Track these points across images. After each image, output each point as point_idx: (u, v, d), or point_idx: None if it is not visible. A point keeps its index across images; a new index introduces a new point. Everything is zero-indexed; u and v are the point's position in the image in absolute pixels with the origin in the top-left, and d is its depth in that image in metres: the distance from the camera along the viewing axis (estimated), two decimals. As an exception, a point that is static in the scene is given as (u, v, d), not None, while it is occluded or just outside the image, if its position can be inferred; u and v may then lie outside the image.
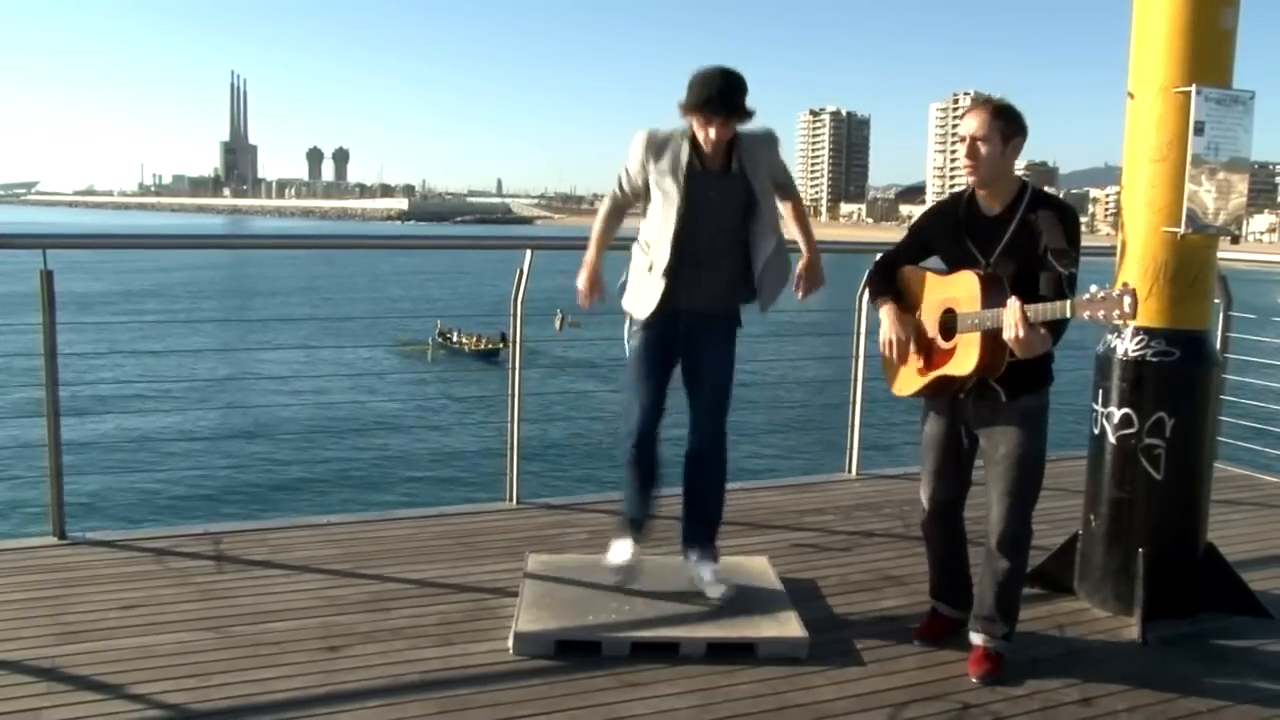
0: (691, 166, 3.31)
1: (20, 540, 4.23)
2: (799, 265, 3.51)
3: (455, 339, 31.56)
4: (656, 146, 3.35)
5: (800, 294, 3.50)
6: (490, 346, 29.69)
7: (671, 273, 3.34)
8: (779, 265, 3.44)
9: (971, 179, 3.05)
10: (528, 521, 4.51)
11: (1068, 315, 2.81)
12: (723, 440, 3.50)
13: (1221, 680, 3.15)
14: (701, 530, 3.56)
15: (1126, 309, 2.67)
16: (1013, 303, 2.84)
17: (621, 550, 3.59)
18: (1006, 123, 2.98)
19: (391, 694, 2.90)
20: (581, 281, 3.50)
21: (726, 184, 3.34)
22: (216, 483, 14.47)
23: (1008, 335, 2.83)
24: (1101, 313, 2.71)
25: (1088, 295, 2.76)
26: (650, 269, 3.39)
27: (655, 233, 3.38)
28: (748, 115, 3.26)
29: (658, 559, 3.73)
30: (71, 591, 3.57)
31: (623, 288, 3.51)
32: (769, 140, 3.43)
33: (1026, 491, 3.11)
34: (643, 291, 3.42)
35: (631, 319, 3.49)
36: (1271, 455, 5.65)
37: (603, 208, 3.58)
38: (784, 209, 3.54)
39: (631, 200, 3.49)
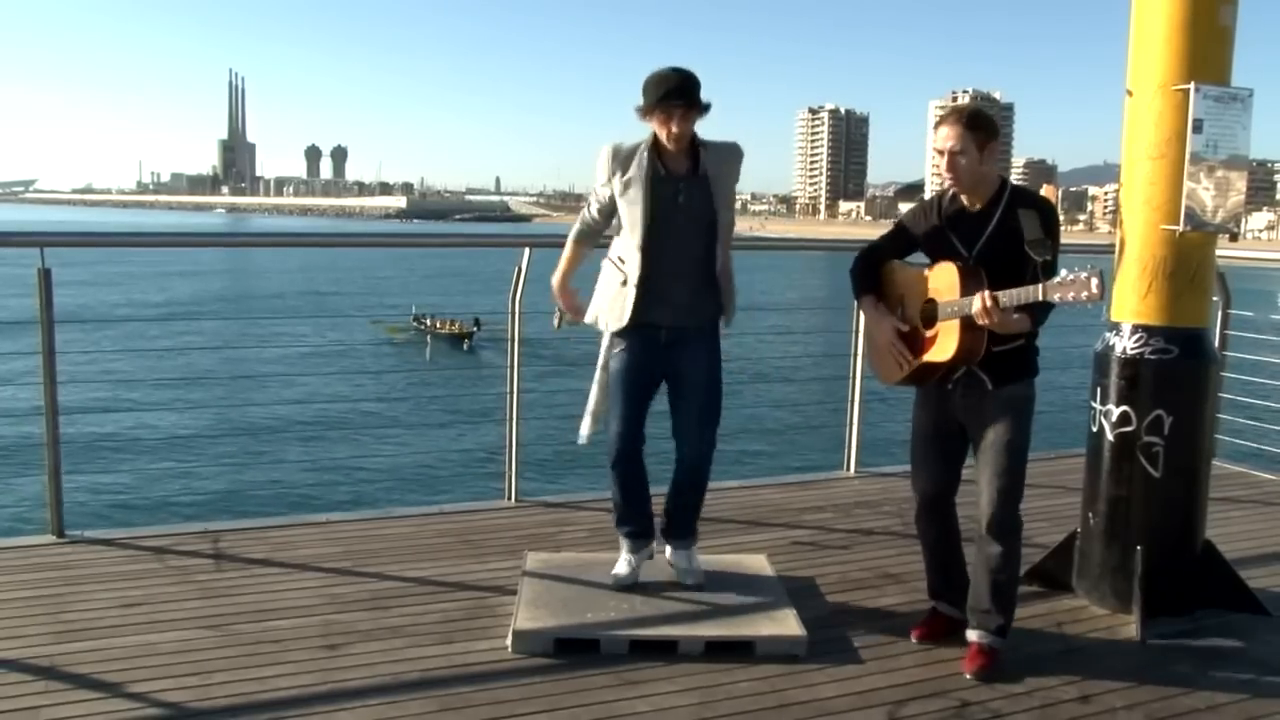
0: (655, 172, 3.34)
1: (19, 539, 4.23)
2: None
3: (429, 324, 32.51)
4: (622, 158, 3.37)
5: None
6: (464, 330, 30.98)
7: (643, 283, 3.36)
8: (730, 278, 3.49)
9: (954, 188, 3.15)
10: (527, 519, 4.51)
11: (1040, 298, 2.90)
12: (712, 450, 3.53)
13: (1220, 677, 3.15)
14: (683, 529, 3.60)
15: (1094, 290, 2.78)
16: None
17: (621, 564, 3.60)
18: (979, 131, 3.07)
19: (392, 692, 2.90)
20: (562, 303, 3.57)
21: (693, 188, 3.35)
22: (216, 481, 14.45)
23: (980, 321, 2.94)
24: (1071, 294, 2.82)
25: (1058, 279, 2.86)
26: (624, 282, 3.41)
27: (625, 245, 3.41)
28: (705, 108, 3.31)
29: (655, 558, 3.73)
30: (71, 590, 3.57)
31: (588, 302, 3.56)
32: (735, 153, 3.44)
33: (1014, 478, 3.15)
34: (614, 304, 3.44)
35: (610, 338, 3.51)
36: (1270, 453, 5.66)
37: (572, 231, 3.60)
38: None
39: (601, 223, 3.52)
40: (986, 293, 2.92)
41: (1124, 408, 3.58)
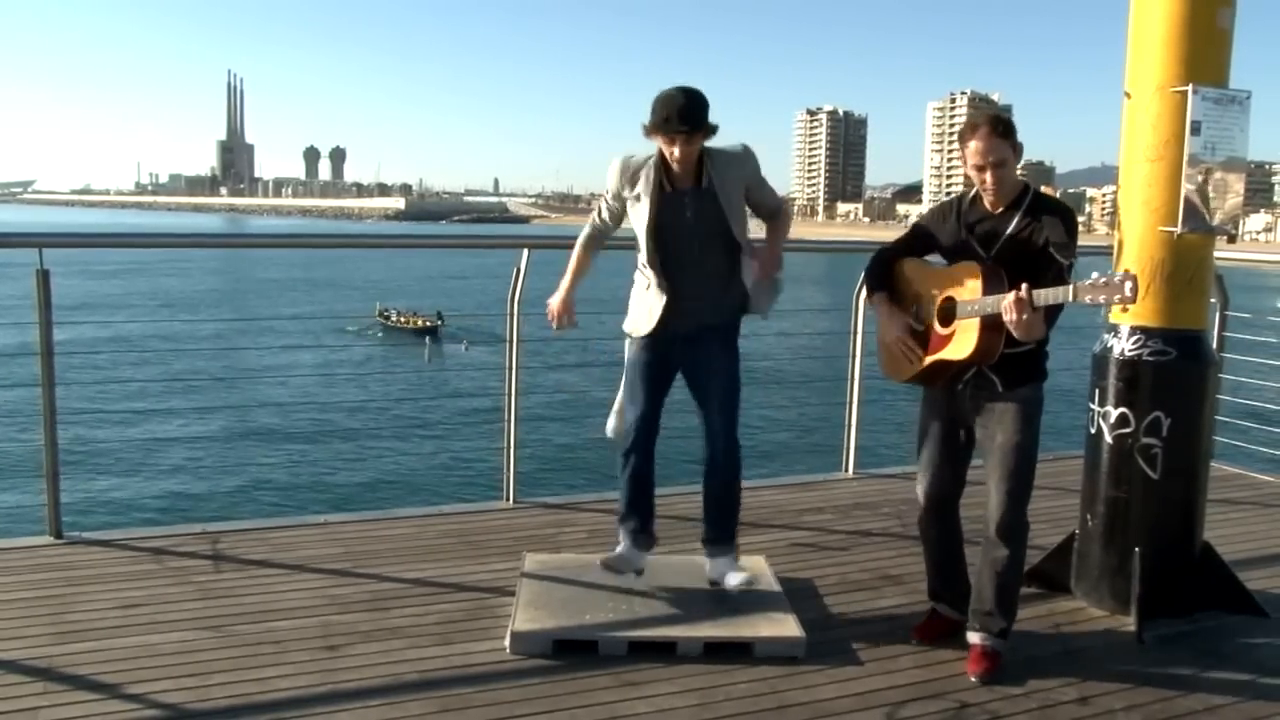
0: (660, 188, 3.38)
1: (16, 540, 4.23)
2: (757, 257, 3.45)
3: (394, 318, 34.27)
4: (630, 172, 3.43)
5: (752, 273, 3.43)
6: (427, 324, 32.29)
7: (669, 290, 3.41)
8: (770, 276, 3.50)
9: (993, 198, 3.11)
10: (525, 520, 4.51)
11: (1069, 299, 2.87)
12: (737, 445, 3.51)
13: (1218, 679, 3.16)
14: (720, 531, 3.58)
15: (1128, 293, 2.75)
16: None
17: (624, 558, 3.58)
18: (1012, 137, 3.07)
19: (391, 693, 2.90)
20: (555, 301, 3.56)
21: (699, 200, 3.38)
22: (215, 482, 14.45)
23: (1009, 317, 2.89)
24: (1103, 297, 2.79)
25: (1089, 281, 2.82)
26: (648, 287, 3.47)
27: (642, 255, 3.47)
28: (710, 130, 3.32)
29: (655, 558, 3.72)
30: (69, 591, 3.57)
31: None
32: (741, 158, 3.44)
33: (1023, 480, 3.16)
34: (641, 309, 3.50)
35: (630, 337, 3.56)
36: (1268, 454, 5.66)
37: (581, 235, 3.66)
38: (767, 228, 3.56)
39: (611, 226, 3.59)
40: (1023, 288, 2.87)
41: (1122, 409, 3.58)
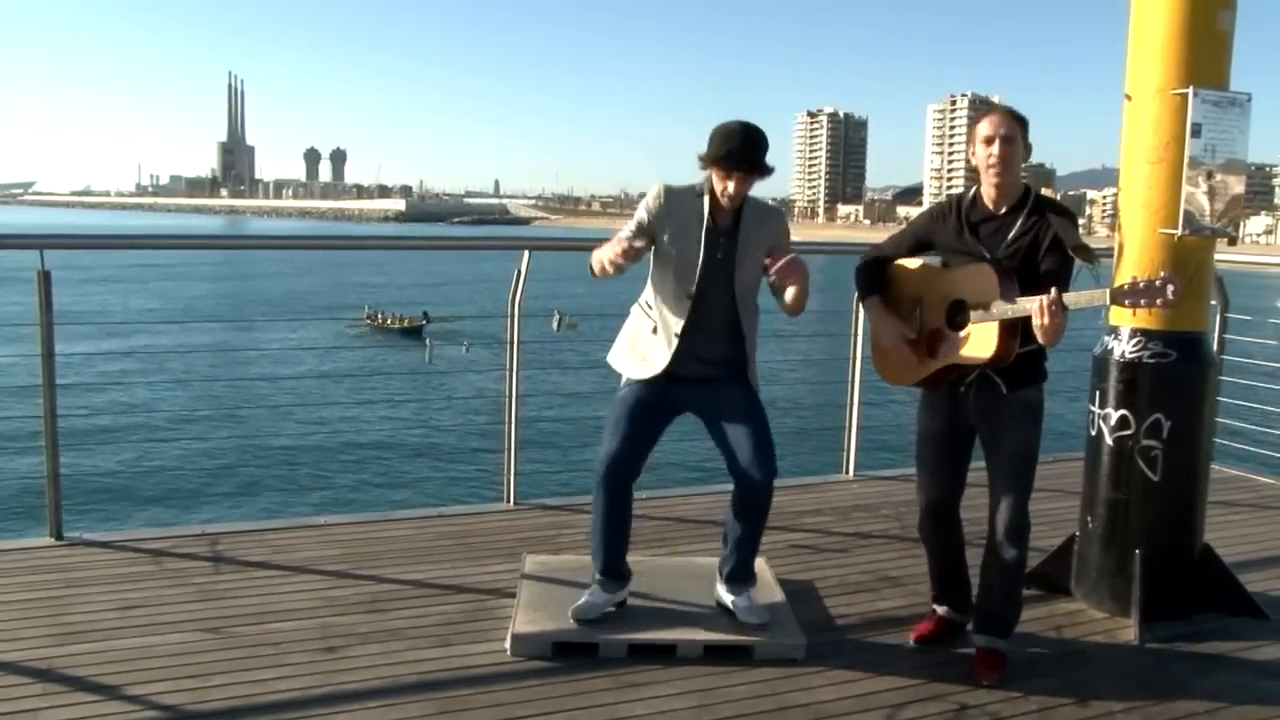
0: (709, 223, 3.23)
1: (16, 541, 4.23)
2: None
3: (382, 319, 35.80)
4: (674, 201, 3.25)
5: (773, 272, 3.17)
6: (413, 324, 33.39)
7: (685, 333, 3.24)
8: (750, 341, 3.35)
9: (998, 179, 3.08)
10: (525, 522, 4.51)
11: (1105, 303, 2.86)
12: (773, 478, 3.28)
13: (1218, 681, 3.16)
14: (746, 571, 3.41)
15: (1170, 296, 2.72)
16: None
17: (584, 601, 3.34)
18: (1023, 125, 3.08)
19: (391, 694, 2.90)
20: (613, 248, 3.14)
21: (730, 242, 3.26)
22: (214, 483, 14.44)
23: (1041, 321, 2.84)
24: (1143, 301, 2.76)
25: (1127, 284, 2.79)
26: (655, 330, 3.30)
27: (664, 290, 3.28)
28: (768, 172, 3.21)
29: (655, 561, 3.73)
30: (69, 592, 3.57)
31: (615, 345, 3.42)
32: (777, 217, 3.32)
33: (1028, 482, 3.16)
34: (645, 351, 3.32)
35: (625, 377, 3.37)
36: (1268, 457, 5.66)
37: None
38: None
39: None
40: (1054, 291, 2.83)
41: (1123, 411, 3.58)
